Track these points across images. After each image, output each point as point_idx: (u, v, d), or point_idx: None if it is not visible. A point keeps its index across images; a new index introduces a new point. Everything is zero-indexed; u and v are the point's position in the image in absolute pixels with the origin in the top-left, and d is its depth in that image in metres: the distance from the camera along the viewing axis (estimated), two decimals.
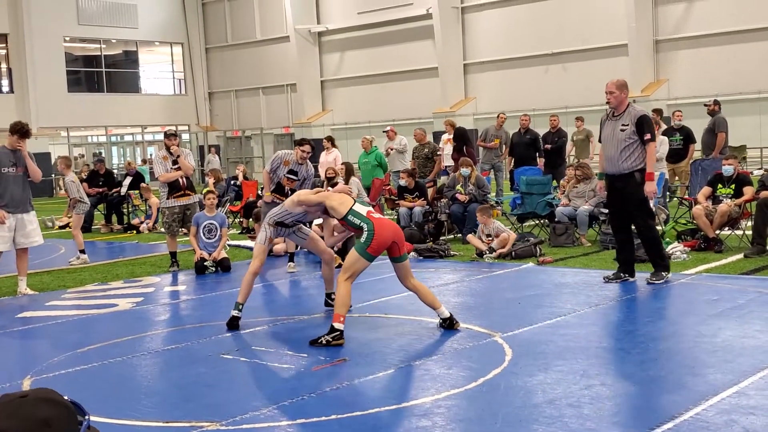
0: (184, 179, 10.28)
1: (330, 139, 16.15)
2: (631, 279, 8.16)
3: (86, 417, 1.58)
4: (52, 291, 9.26)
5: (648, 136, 7.85)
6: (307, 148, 9.28)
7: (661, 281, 7.94)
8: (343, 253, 9.11)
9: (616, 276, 8.21)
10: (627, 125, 7.91)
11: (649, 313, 6.93)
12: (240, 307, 6.88)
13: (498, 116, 16.02)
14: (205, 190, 11.13)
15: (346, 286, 6.23)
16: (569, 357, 5.42)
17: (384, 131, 15.71)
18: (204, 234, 10.13)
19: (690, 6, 25.95)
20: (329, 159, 15.23)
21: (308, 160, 9.40)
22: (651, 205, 8.28)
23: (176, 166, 10.20)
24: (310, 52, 34.64)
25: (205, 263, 9.96)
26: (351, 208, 6.41)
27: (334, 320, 6.12)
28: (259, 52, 36.60)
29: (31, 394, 1.54)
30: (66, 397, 1.59)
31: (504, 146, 15.50)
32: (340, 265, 8.99)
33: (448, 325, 6.42)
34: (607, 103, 8.06)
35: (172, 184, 10.23)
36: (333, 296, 7.07)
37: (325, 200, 6.62)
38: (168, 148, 10.27)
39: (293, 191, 9.21)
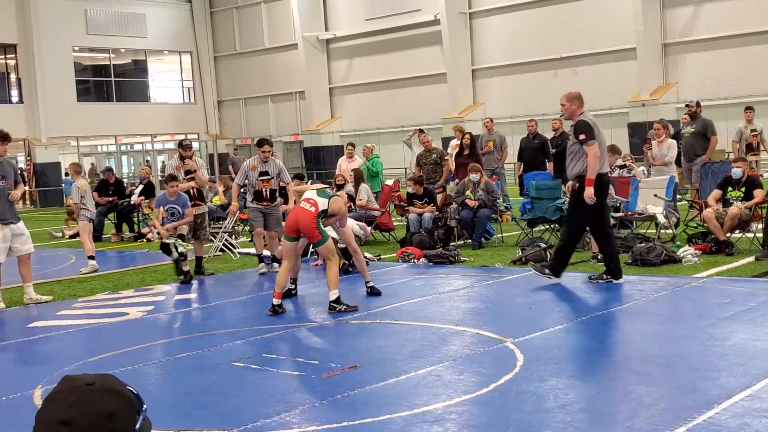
0: (195, 190, 10.37)
1: (353, 146, 16.01)
2: (556, 280, 8.38)
3: (144, 408, 1.55)
4: (62, 300, 9.29)
5: (583, 137, 8.06)
6: (266, 147, 10.12)
7: (600, 281, 8.19)
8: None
9: (548, 270, 8.49)
10: (570, 135, 8.37)
11: (660, 317, 6.90)
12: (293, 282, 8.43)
13: (484, 122, 16.02)
14: (187, 181, 11.10)
15: (281, 267, 7.90)
16: (581, 362, 5.41)
17: (415, 131, 15.58)
18: (167, 218, 10.18)
19: (698, 9, 25.89)
20: (353, 166, 14.92)
21: (273, 157, 10.22)
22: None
23: (188, 177, 10.32)
24: (318, 59, 34.73)
25: (167, 243, 9.88)
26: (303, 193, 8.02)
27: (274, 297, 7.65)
28: (268, 59, 36.72)
29: (98, 383, 1.49)
30: (129, 387, 1.55)
31: (501, 149, 15.39)
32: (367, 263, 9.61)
33: (330, 307, 7.57)
34: (562, 115, 8.53)
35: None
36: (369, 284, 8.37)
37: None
38: (182, 158, 10.36)
39: (272, 191, 10.20)
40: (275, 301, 7.68)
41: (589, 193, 8.01)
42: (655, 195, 10.72)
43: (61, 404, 1.46)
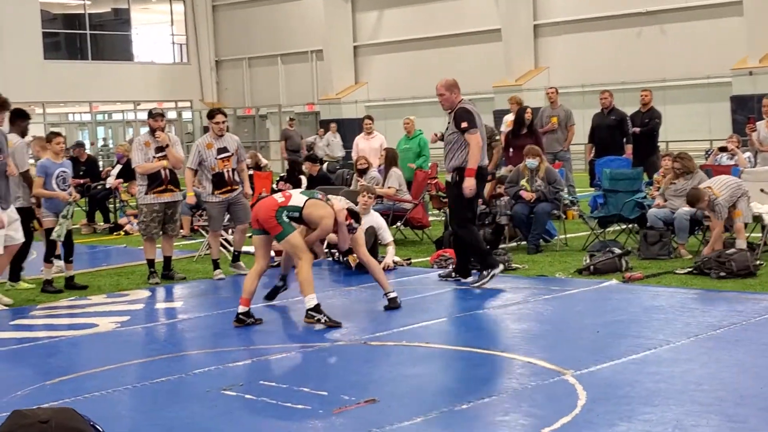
0: (167, 171, 10.37)
1: (371, 120, 16.00)
2: (463, 279, 9.47)
3: None
4: (17, 307, 9.39)
5: (465, 125, 9.02)
6: (219, 117, 10.62)
7: (476, 281, 9.16)
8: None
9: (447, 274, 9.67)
10: (449, 124, 9.34)
11: (762, 347, 6.80)
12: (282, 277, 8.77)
13: (547, 93, 15.95)
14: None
15: (252, 268, 8.18)
16: (660, 403, 5.37)
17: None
18: (58, 185, 10.15)
19: None
20: (373, 145, 14.85)
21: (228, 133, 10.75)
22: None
23: (160, 155, 10.32)
24: (341, 10, 34.76)
25: (53, 233, 9.98)
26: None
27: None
28: (279, 10, 36.84)
29: (53, 419, 1.53)
30: (89, 421, 1.58)
31: (566, 127, 15.32)
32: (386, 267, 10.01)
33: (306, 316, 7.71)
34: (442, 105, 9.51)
35: (152, 176, 10.34)
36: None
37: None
38: (153, 131, 10.40)
39: (234, 171, 10.56)
40: (241, 309, 7.92)
41: (470, 183, 9.00)
42: (762, 190, 10.59)
43: None
